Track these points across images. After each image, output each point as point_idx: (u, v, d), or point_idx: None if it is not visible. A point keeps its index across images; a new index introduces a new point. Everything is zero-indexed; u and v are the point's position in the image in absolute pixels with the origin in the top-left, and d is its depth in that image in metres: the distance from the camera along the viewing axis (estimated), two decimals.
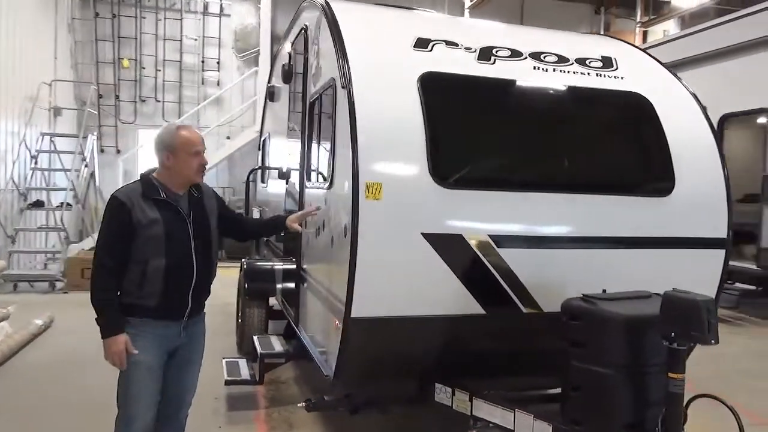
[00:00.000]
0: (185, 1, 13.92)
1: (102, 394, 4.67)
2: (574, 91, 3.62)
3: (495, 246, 3.19)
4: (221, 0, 14.07)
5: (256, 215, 7.20)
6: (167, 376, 2.87)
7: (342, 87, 3.17)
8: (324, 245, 3.61)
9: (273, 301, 5.85)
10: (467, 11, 14.15)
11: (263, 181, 7.17)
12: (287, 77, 5.25)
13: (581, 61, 3.85)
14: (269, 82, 7.10)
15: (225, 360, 4.92)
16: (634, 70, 4.00)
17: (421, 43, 3.57)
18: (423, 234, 3.08)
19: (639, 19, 15.40)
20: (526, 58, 3.73)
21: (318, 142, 4.00)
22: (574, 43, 4.21)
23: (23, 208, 9.86)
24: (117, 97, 13.59)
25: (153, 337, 2.78)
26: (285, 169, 5.19)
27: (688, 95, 3.99)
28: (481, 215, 3.21)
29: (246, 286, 5.55)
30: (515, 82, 3.56)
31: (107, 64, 13.52)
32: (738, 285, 8.51)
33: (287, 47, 5.35)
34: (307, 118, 4.33)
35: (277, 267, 5.51)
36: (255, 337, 5.11)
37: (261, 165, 7.55)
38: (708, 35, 9.44)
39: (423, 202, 3.10)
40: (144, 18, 13.64)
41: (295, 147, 5.00)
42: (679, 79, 4.11)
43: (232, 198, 12.94)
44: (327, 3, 3.83)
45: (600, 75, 3.81)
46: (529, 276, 3.27)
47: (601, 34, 14.20)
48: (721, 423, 3.01)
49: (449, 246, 3.12)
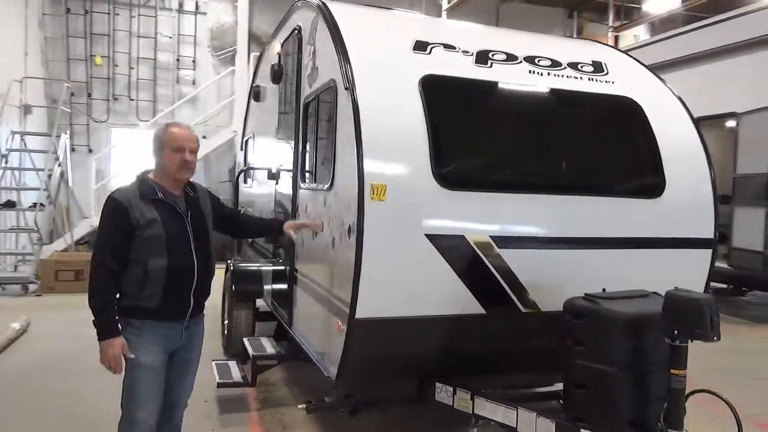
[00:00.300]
0: None
1: (85, 401, 4.65)
2: (569, 95, 3.70)
3: (495, 246, 3.24)
4: None
5: None
6: (166, 376, 2.85)
7: (345, 89, 3.17)
8: (323, 246, 3.60)
9: (259, 303, 5.81)
10: (444, 13, 14.25)
11: (245, 182, 7.11)
12: (277, 77, 5.23)
13: (573, 66, 3.93)
14: (253, 81, 7.04)
15: (215, 362, 4.88)
16: (623, 74, 4.10)
17: (420, 46, 3.60)
18: (426, 235, 3.11)
19: (611, 24, 15.69)
20: (521, 62, 3.80)
21: (315, 142, 3.99)
22: (564, 48, 4.30)
23: None
24: (89, 95, 13.25)
25: (156, 339, 2.76)
26: (275, 170, 5.17)
27: (675, 99, 4.11)
28: (483, 216, 3.26)
29: (233, 287, 5.50)
30: (514, 85, 3.62)
31: (79, 61, 13.17)
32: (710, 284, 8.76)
33: (277, 47, 5.32)
34: (302, 118, 4.31)
35: (266, 268, 5.49)
36: (245, 339, 5.07)
37: (244, 165, 7.48)
38: (679, 41, 9.73)
39: (426, 203, 3.12)
40: (117, 15, 13.34)
41: (286, 147, 4.98)
42: (666, 84, 4.24)
43: None
44: (324, 4, 3.83)
45: (592, 79, 3.90)
46: (528, 276, 3.33)
47: (574, 37, 14.45)
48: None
49: (451, 247, 3.16)
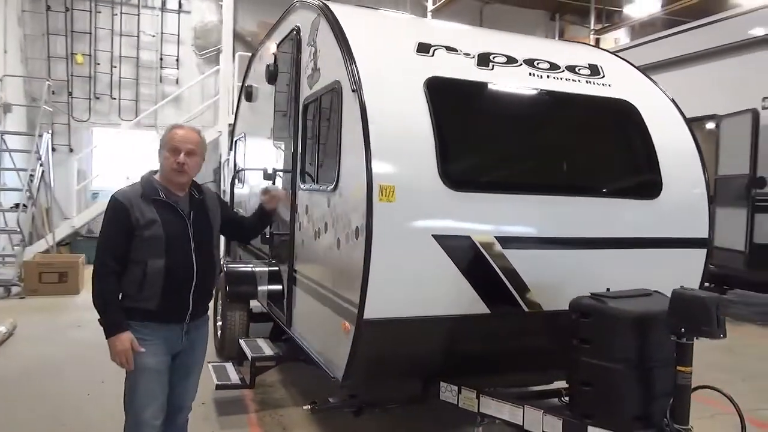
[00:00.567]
0: None
1: (79, 405, 4.58)
2: (569, 98, 3.75)
3: (500, 247, 3.28)
4: None
5: None
6: (169, 378, 2.83)
7: (352, 90, 3.18)
8: (326, 247, 3.61)
9: (252, 304, 5.78)
10: (429, 14, 14.32)
11: (238, 183, 7.05)
12: (272, 78, 5.21)
13: (571, 69, 4.00)
14: (244, 81, 7.00)
15: (211, 364, 4.84)
16: (618, 77, 4.17)
17: (423, 48, 3.63)
18: (434, 236, 3.13)
19: (593, 27, 15.91)
20: (521, 64, 3.84)
21: (316, 143, 3.99)
22: (561, 51, 4.36)
23: None
24: (70, 94, 13.03)
25: (156, 341, 2.75)
26: (270, 171, 5.15)
27: (668, 101, 4.20)
28: (488, 217, 3.29)
29: (227, 288, 5.46)
30: (516, 88, 3.66)
31: (59, 59, 12.95)
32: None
33: (272, 48, 5.30)
34: (301, 119, 4.31)
35: (261, 269, 5.46)
36: (242, 341, 5.05)
37: (234, 166, 7.42)
38: (662, 44, 9.90)
39: (433, 204, 3.15)
40: (99, 12, 13.14)
41: (282, 148, 4.97)
42: (659, 86, 4.33)
43: None
44: (326, 5, 3.84)
45: (590, 82, 3.96)
46: (531, 276, 3.37)
47: (556, 40, 14.63)
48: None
49: (458, 247, 3.19)
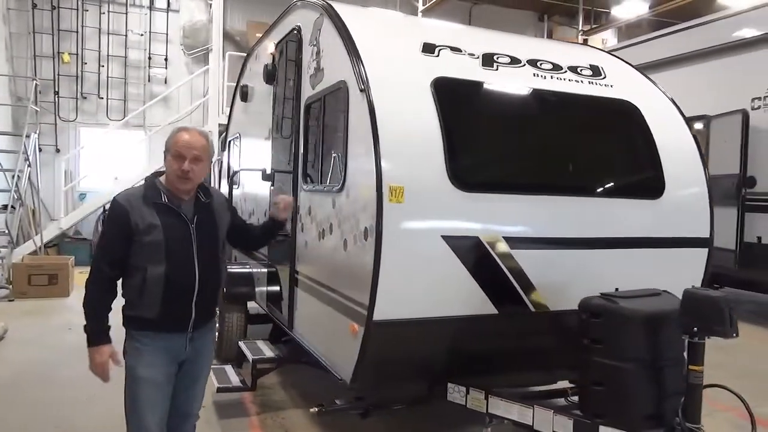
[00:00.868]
0: None
1: (77, 410, 4.51)
2: (574, 99, 3.77)
3: (508, 247, 3.28)
4: None
5: None
6: (175, 385, 2.75)
7: (360, 90, 3.16)
8: (331, 248, 3.59)
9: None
10: (420, 14, 14.32)
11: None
12: (270, 78, 5.18)
13: (573, 69, 4.01)
14: (239, 81, 6.94)
15: (210, 367, 4.79)
16: (619, 78, 4.20)
17: (428, 48, 3.62)
18: (443, 236, 3.13)
19: (581, 28, 16.04)
20: (524, 65, 3.85)
21: (320, 144, 3.96)
22: (562, 52, 4.37)
23: None
24: (56, 93, 12.85)
25: (156, 351, 2.65)
26: (269, 171, 5.12)
27: (668, 102, 4.24)
28: (495, 217, 3.29)
29: (224, 290, 5.41)
30: (522, 88, 3.66)
31: (46, 58, 12.76)
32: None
33: (270, 48, 5.26)
34: (303, 120, 4.28)
35: (259, 270, 5.43)
36: (241, 343, 5.01)
37: (228, 167, 7.36)
38: (652, 46, 9.98)
39: (443, 204, 3.14)
40: (86, 11, 12.97)
41: (282, 149, 4.93)
42: (658, 87, 4.36)
43: None
44: (330, 5, 3.81)
45: (592, 83, 3.98)
46: (538, 276, 3.37)
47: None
48: None
49: (466, 248, 3.19)
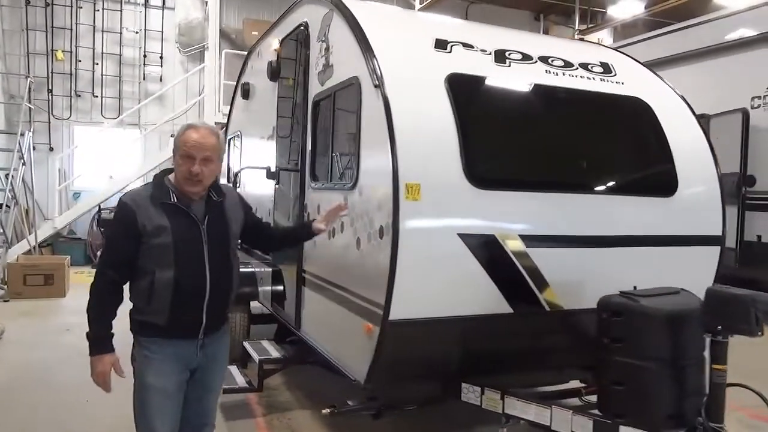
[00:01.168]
0: None
1: (78, 412, 4.42)
2: (587, 96, 3.74)
3: (524, 245, 3.24)
4: None
5: None
6: (187, 394, 2.62)
7: (375, 86, 3.11)
8: (343, 247, 3.53)
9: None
10: (417, 12, 14.28)
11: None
12: (275, 75, 5.11)
13: (584, 66, 3.98)
14: (239, 79, 6.86)
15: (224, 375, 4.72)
16: (630, 75, 4.17)
17: (440, 44, 3.57)
18: (459, 234, 3.08)
19: (577, 27, 16.05)
20: (536, 61, 3.81)
21: (329, 141, 3.90)
22: (571, 49, 4.34)
23: None
24: (50, 91, 12.70)
25: (166, 358, 2.53)
26: (274, 169, 5.05)
27: (678, 99, 4.21)
28: (512, 215, 3.25)
29: None
30: (536, 85, 3.62)
31: (39, 55, 12.61)
32: None
33: (274, 44, 5.20)
34: (311, 117, 4.22)
35: (262, 270, 5.37)
36: (246, 343, 4.95)
37: (228, 165, 7.28)
38: (650, 45, 9.99)
39: (459, 202, 3.10)
40: (80, 8, 12.83)
41: (288, 146, 4.87)
42: (668, 84, 4.34)
43: None
44: (341, 0, 3.76)
45: (603, 80, 3.95)
46: (553, 274, 3.34)
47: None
48: None
49: (482, 246, 3.14)
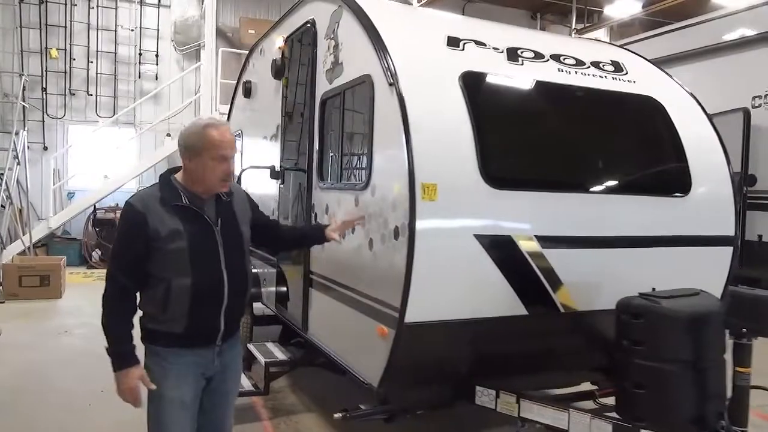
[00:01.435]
0: None
1: (86, 415, 4.35)
2: (600, 94, 3.69)
3: (540, 246, 3.19)
4: None
5: None
6: (203, 402, 2.54)
7: (389, 84, 3.05)
8: (354, 248, 3.47)
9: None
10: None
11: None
12: (279, 73, 5.04)
13: (596, 65, 3.93)
14: (240, 77, 6.78)
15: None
16: (641, 74, 4.13)
17: (453, 42, 3.52)
18: (475, 235, 3.03)
19: (573, 26, 16.05)
20: (548, 60, 3.77)
21: (339, 140, 3.84)
22: (582, 47, 4.30)
23: None
24: (44, 90, 12.54)
25: (183, 369, 2.43)
26: (278, 169, 4.99)
27: (690, 98, 4.18)
28: (528, 216, 3.20)
29: None
30: (550, 83, 3.57)
31: (33, 53, 12.45)
32: None
33: (278, 42, 5.12)
34: (318, 115, 4.15)
35: (266, 271, 5.30)
36: (250, 345, 4.87)
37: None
38: (650, 44, 9.95)
39: (475, 202, 3.05)
40: (75, 5, 12.67)
41: (293, 146, 4.80)
42: (678, 82, 4.30)
43: None
44: None
45: (615, 78, 3.91)
46: (568, 275, 3.29)
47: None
48: None
49: (499, 247, 3.09)
